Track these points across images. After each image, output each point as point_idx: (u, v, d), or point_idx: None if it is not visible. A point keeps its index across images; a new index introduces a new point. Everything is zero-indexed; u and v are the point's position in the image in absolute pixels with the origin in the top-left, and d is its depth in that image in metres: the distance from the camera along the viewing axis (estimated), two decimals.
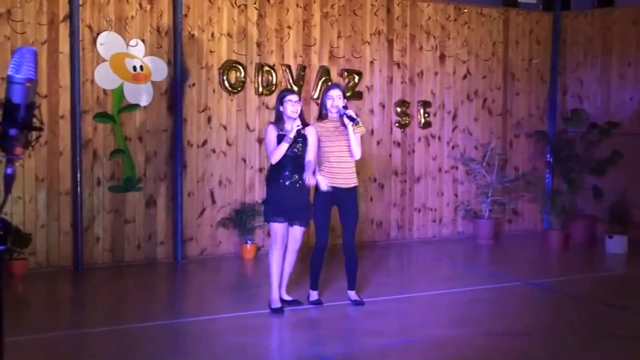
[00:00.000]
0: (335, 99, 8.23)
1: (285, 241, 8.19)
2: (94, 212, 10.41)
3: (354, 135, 8.17)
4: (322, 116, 8.36)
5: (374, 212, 12.54)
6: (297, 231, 8.23)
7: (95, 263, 10.40)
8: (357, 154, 8.25)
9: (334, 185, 8.25)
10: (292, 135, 7.91)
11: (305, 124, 8.13)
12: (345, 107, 8.23)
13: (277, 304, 8.15)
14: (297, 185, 8.07)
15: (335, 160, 8.25)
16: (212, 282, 10.09)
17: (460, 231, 13.39)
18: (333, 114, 8.26)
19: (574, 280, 10.16)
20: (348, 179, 8.29)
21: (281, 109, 8.07)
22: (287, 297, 8.43)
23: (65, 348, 7.08)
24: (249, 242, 11.10)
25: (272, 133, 8.06)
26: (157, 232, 10.83)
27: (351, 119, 8.09)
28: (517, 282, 9.84)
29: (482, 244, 12.75)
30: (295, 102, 8.05)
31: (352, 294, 8.51)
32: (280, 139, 7.97)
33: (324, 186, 8.17)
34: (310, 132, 8.14)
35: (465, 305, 8.69)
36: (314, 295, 8.52)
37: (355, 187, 8.42)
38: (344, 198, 8.31)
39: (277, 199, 8.06)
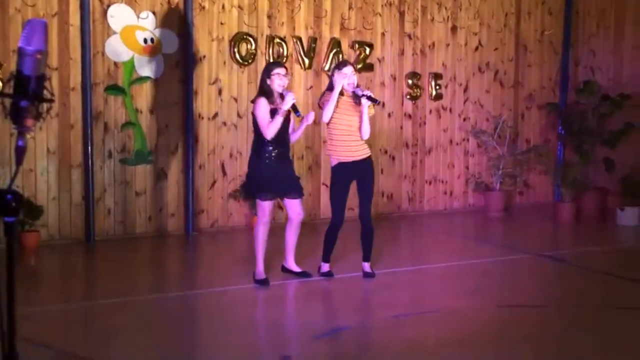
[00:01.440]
0: (351, 76, 8.18)
1: (272, 216, 8.20)
2: (105, 185, 10.41)
3: (366, 117, 8.15)
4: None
5: (385, 185, 12.51)
6: (295, 204, 8.19)
7: (107, 235, 10.42)
8: (367, 135, 8.23)
9: (347, 159, 8.23)
10: (286, 107, 7.82)
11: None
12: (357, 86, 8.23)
13: (261, 276, 8.13)
14: (282, 159, 8.04)
15: (345, 135, 8.21)
16: (223, 254, 10.10)
17: (471, 203, 13.36)
18: (348, 91, 8.21)
19: (586, 252, 10.13)
20: (359, 150, 8.26)
21: (268, 82, 7.97)
22: (296, 269, 8.43)
23: (78, 320, 7.11)
24: None
25: (266, 107, 7.93)
26: (168, 204, 10.83)
27: (372, 99, 8.06)
28: (528, 255, 9.82)
29: (493, 216, 12.72)
30: (284, 75, 7.98)
31: (366, 266, 8.49)
32: (272, 112, 7.91)
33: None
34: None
35: (476, 277, 8.68)
36: (325, 267, 8.51)
37: (370, 158, 8.37)
38: (359, 170, 8.28)
39: (264, 175, 7.99)
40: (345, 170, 8.25)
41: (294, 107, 7.87)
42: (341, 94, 8.20)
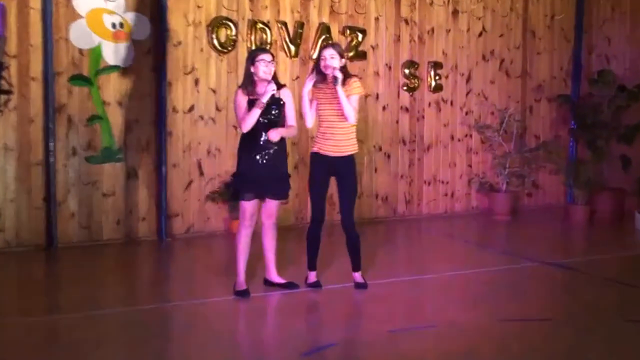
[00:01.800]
0: (328, 59, 8.19)
1: (254, 220, 8.21)
2: (69, 185, 10.40)
3: (346, 97, 8.11)
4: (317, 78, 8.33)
5: (379, 185, 12.53)
6: (271, 205, 8.22)
7: (71, 241, 10.41)
8: (349, 117, 8.18)
9: (325, 153, 8.27)
10: (265, 99, 7.85)
11: (279, 85, 8.08)
12: (343, 68, 8.21)
13: (241, 287, 8.15)
14: (273, 155, 8.05)
15: (326, 125, 8.27)
16: (199, 263, 10.08)
17: (475, 206, 13.39)
18: (329, 75, 8.24)
19: (600, 260, 10.16)
20: (339, 147, 8.25)
21: (252, 69, 8.01)
22: (279, 280, 8.45)
23: (39, 335, 7.08)
24: None
25: (242, 98, 7.98)
26: (138, 207, 10.83)
27: (334, 79, 8.10)
28: (536, 262, 9.84)
29: (498, 220, 12.75)
30: (269, 62, 8.01)
31: (357, 276, 8.52)
32: (251, 104, 7.91)
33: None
34: (286, 95, 8.15)
35: (479, 288, 8.71)
36: (311, 276, 8.53)
37: (350, 156, 8.35)
38: (337, 168, 8.30)
39: (250, 172, 8.01)
40: (320, 162, 8.30)
41: (273, 98, 7.91)
42: (324, 80, 8.24)
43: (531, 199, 13.87)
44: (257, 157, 7.99)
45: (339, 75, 8.09)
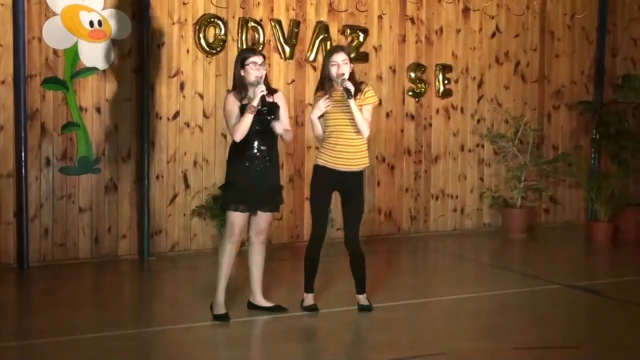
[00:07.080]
0: (341, 66, 8.17)
1: (242, 235, 8.19)
2: (42, 199, 10.38)
3: (358, 109, 8.11)
4: (324, 86, 8.31)
5: (382, 200, 12.51)
6: (263, 219, 8.21)
7: (44, 260, 10.38)
8: (363, 131, 8.19)
9: (333, 167, 8.23)
10: (255, 103, 7.84)
11: (271, 90, 8.11)
12: (351, 75, 8.18)
13: (220, 310, 8.10)
14: (267, 165, 8.06)
15: (336, 138, 8.22)
16: (184, 284, 10.06)
17: (487, 223, 13.37)
18: (338, 83, 8.20)
19: (625, 282, 10.13)
20: (351, 161, 8.25)
21: (242, 73, 8.02)
22: (265, 303, 8.41)
23: None
24: None
25: (233, 103, 8.01)
26: (118, 223, 10.81)
27: (346, 91, 8.04)
28: (554, 285, 9.82)
29: (512, 238, 12.73)
30: (260, 64, 8.01)
31: (361, 298, 8.48)
32: (243, 110, 7.92)
33: (322, 108, 8.11)
34: (281, 99, 8.18)
35: (492, 313, 8.68)
36: (308, 299, 8.49)
37: (361, 171, 8.39)
38: (345, 184, 8.29)
39: (242, 183, 8.00)
40: (326, 176, 8.28)
41: (264, 101, 7.87)
42: (332, 86, 8.22)
43: (549, 216, 13.85)
44: (250, 166, 7.98)
45: (351, 87, 8.06)
